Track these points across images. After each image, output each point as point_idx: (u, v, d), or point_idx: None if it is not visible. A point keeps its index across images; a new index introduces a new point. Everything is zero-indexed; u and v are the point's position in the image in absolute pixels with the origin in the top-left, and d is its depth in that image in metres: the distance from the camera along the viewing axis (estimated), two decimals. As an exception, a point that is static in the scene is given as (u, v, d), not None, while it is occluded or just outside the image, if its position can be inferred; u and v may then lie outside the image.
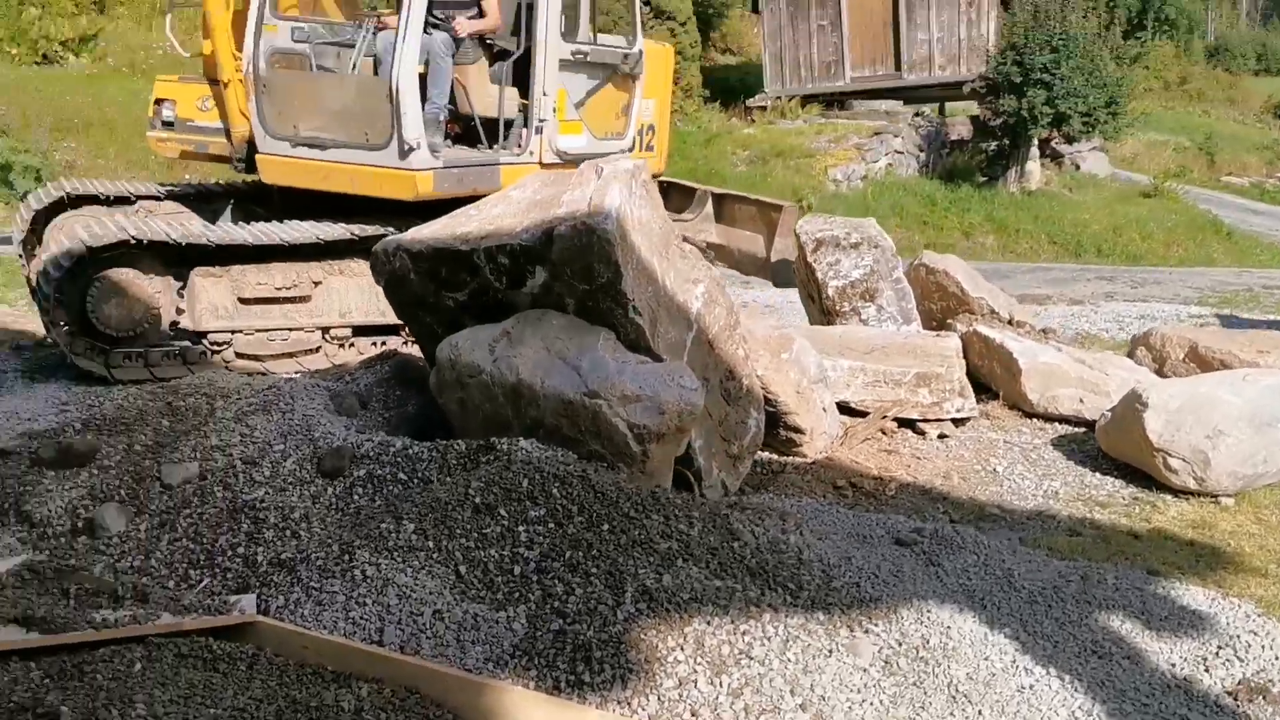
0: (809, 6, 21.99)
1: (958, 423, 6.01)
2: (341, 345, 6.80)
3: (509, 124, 7.30)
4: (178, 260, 6.40)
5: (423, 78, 6.83)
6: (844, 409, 5.84)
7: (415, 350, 5.90)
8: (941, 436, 5.89)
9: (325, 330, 6.74)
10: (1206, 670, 3.61)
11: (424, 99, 6.76)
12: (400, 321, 5.49)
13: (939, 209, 18.38)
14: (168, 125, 7.67)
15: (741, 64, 27.17)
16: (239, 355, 6.52)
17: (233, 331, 6.50)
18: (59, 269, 6.08)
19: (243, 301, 6.49)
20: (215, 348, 6.49)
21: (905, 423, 5.95)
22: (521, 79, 7.35)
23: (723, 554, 3.79)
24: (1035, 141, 20.03)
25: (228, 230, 6.55)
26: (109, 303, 6.19)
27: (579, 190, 4.39)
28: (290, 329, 6.64)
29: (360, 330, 6.83)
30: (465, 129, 7.41)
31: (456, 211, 4.90)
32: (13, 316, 8.07)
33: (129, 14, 19.09)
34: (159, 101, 7.73)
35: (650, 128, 8.39)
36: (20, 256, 7.60)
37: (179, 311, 6.46)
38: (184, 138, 7.67)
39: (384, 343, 6.76)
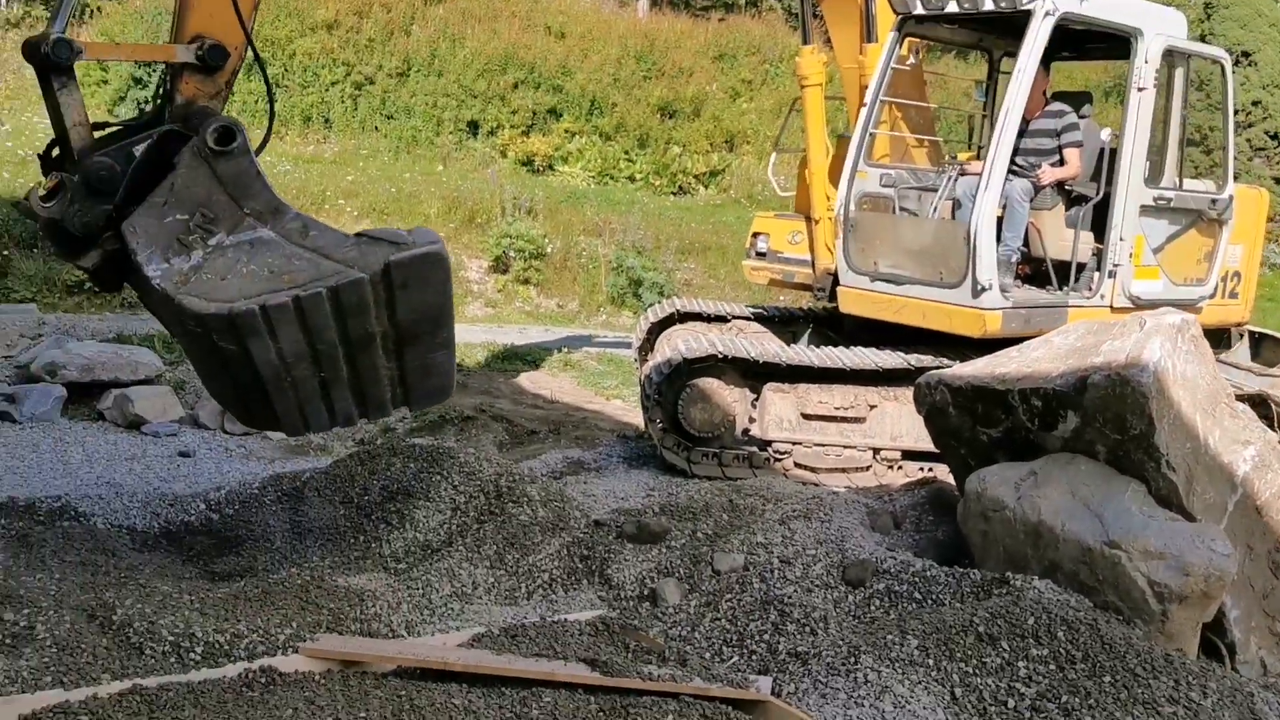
0: None
1: None
2: (890, 467, 7.21)
3: (1081, 267, 7.35)
4: (754, 375, 7.24)
5: (999, 221, 7.14)
6: None
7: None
8: None
9: (876, 451, 7.20)
10: None
11: (998, 241, 7.07)
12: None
13: None
14: (760, 255, 8.70)
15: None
16: (797, 465, 7.18)
17: (794, 443, 7.19)
18: (660, 375, 7.18)
19: (805, 417, 7.17)
20: (778, 456, 7.21)
21: None
22: (1098, 223, 7.38)
23: (1237, 732, 3.62)
24: None
25: (798, 352, 7.29)
26: (695, 407, 7.17)
27: (1119, 340, 4.45)
28: (845, 446, 7.19)
29: (909, 455, 7.19)
30: (1035, 271, 7.56)
31: (1000, 352, 5.15)
32: (624, 410, 9.53)
33: (752, 151, 21.45)
34: (755, 235, 8.80)
35: (1236, 274, 7.94)
36: (635, 360, 9.02)
37: (751, 420, 7.29)
38: (774, 267, 8.64)
39: (930, 469, 7.05)
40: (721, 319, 8.82)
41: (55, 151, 4.19)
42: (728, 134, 21.45)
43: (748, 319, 8.81)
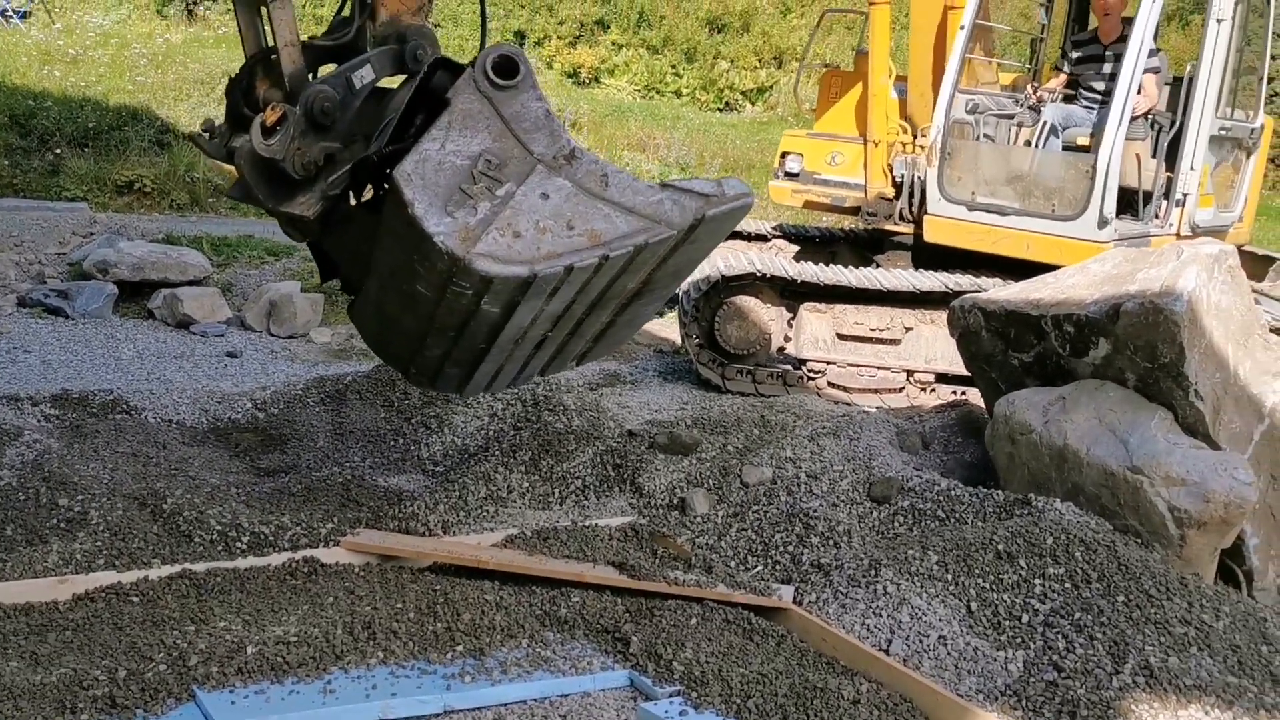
0: None
1: None
2: (923, 389, 7.25)
3: (1149, 197, 7.34)
4: (791, 294, 7.28)
5: (1085, 149, 7.13)
6: None
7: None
8: None
9: (910, 373, 7.24)
10: None
11: None
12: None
13: None
14: (791, 176, 8.63)
15: None
16: (830, 384, 7.24)
17: (828, 363, 7.24)
18: (698, 291, 7.23)
19: (840, 337, 7.22)
20: (811, 375, 7.28)
21: None
22: (1166, 152, 7.35)
23: (1246, 654, 3.71)
24: None
25: (836, 272, 7.31)
26: (732, 324, 7.22)
27: (1155, 269, 4.46)
28: (879, 367, 7.24)
29: (943, 378, 7.23)
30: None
31: (1036, 278, 5.17)
32: (660, 325, 9.59)
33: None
34: (785, 154, 8.71)
35: (1244, 198, 7.96)
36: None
37: (786, 339, 7.35)
38: (812, 190, 8.57)
39: (963, 393, 7.09)
40: (761, 238, 8.84)
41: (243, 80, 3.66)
42: (776, 50, 21.14)
43: (788, 238, 8.81)
